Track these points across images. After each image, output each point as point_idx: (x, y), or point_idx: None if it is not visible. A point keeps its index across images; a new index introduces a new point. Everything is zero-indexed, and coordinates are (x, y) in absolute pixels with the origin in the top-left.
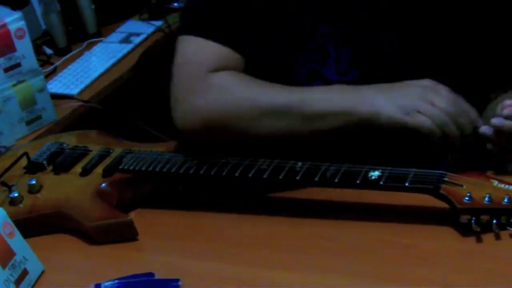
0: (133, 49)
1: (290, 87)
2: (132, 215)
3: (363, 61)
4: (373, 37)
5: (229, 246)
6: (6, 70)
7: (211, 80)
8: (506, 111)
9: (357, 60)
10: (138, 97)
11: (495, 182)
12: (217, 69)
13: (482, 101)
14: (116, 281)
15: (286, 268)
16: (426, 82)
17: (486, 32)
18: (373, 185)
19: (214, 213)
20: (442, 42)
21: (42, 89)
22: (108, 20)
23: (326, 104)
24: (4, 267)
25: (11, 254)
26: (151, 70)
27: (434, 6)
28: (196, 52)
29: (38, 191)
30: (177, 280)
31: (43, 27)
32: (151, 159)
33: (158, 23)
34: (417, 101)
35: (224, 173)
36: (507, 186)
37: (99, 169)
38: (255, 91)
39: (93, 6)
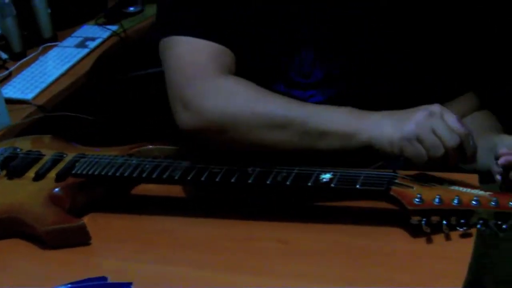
0: (88, 54)
1: (297, 100)
2: (85, 219)
3: (326, 65)
4: (339, 41)
5: (181, 249)
6: None
7: (218, 84)
8: (502, 160)
9: (319, 63)
10: (93, 102)
11: (446, 183)
12: (219, 69)
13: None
14: (69, 285)
15: (239, 271)
16: (435, 107)
17: (448, 32)
18: (325, 187)
19: (166, 217)
20: (408, 46)
21: None
22: (64, 24)
23: (329, 124)
24: None
25: None
26: (106, 74)
27: (402, 10)
28: (194, 52)
29: None
30: (130, 284)
31: None
32: (104, 164)
33: (114, 27)
34: (419, 129)
35: (176, 177)
36: (457, 187)
37: (52, 174)
38: (259, 100)
39: (49, 11)
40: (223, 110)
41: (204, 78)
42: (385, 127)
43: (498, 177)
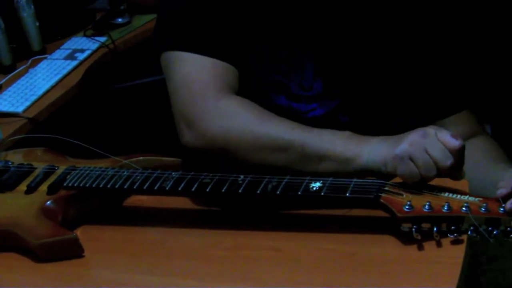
0: (78, 66)
1: (298, 124)
2: (78, 232)
3: (326, 78)
4: (339, 55)
5: (174, 259)
6: None
7: (221, 105)
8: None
9: (320, 76)
10: (84, 113)
11: (435, 190)
12: (223, 89)
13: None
14: None
15: (233, 279)
16: (429, 128)
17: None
18: (315, 196)
19: (159, 227)
20: (406, 59)
21: None
22: (53, 37)
23: (328, 148)
24: None
25: None
26: (96, 85)
27: (400, 23)
28: (199, 71)
29: None
30: None
31: None
32: (95, 176)
33: (102, 39)
34: (412, 148)
35: (167, 188)
36: (447, 194)
37: (44, 187)
38: (260, 122)
39: (37, 23)
40: (225, 131)
41: (207, 98)
42: (381, 149)
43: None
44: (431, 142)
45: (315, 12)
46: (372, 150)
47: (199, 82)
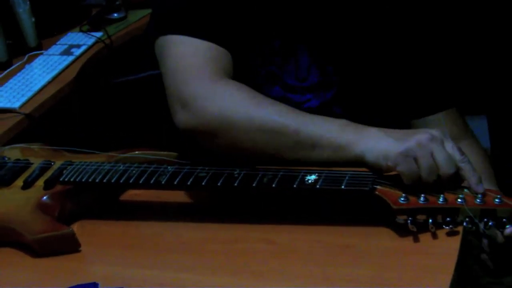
0: (74, 61)
1: (293, 108)
2: (74, 226)
3: (322, 69)
4: (335, 46)
5: (171, 253)
6: None
7: (215, 87)
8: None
9: (315, 67)
10: (80, 108)
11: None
12: (217, 72)
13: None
14: None
15: (229, 272)
16: (436, 132)
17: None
18: (310, 188)
19: (155, 221)
20: (403, 51)
21: None
22: (49, 32)
23: (322, 134)
24: None
25: None
26: (92, 80)
27: (397, 15)
28: (193, 54)
29: None
30: None
31: None
32: (91, 170)
33: (98, 34)
34: (419, 149)
35: (163, 182)
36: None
37: (40, 182)
38: (255, 104)
39: (33, 19)
40: (219, 111)
41: (202, 80)
42: (380, 141)
43: None
44: (438, 148)
45: (308, 1)
46: (370, 141)
47: (194, 64)
